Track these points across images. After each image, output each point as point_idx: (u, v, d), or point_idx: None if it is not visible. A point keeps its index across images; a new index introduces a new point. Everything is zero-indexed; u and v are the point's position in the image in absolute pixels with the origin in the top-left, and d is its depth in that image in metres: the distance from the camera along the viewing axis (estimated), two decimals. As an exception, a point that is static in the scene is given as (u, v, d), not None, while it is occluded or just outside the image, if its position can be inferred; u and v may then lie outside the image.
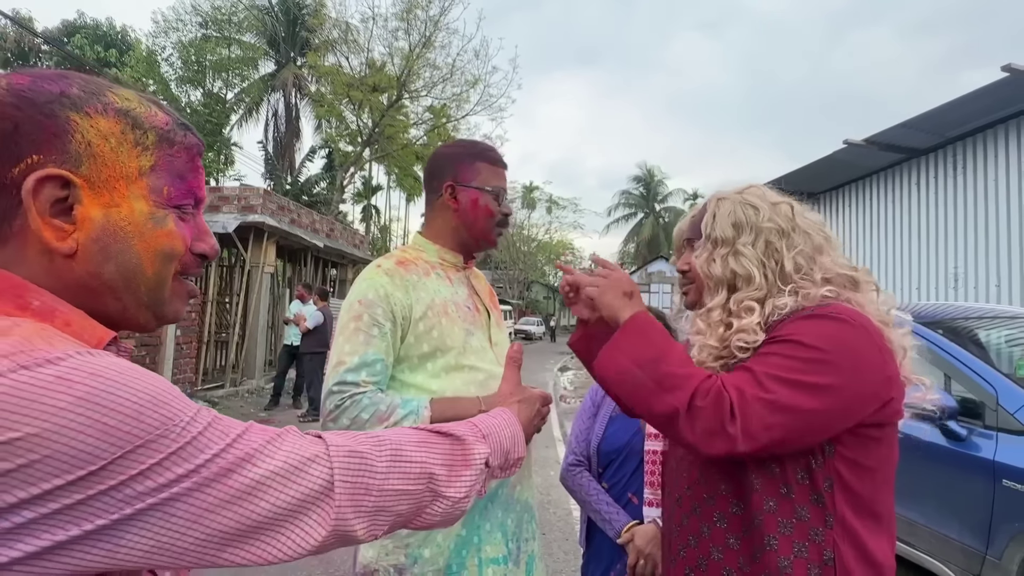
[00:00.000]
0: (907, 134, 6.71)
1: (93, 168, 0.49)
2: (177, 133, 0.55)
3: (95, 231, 0.49)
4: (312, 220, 10.19)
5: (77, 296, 0.50)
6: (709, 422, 0.76)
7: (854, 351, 0.78)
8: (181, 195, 0.55)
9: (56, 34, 18.40)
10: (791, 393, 0.75)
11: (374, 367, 1.10)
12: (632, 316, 0.89)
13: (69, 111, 0.48)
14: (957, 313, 3.28)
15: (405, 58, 15.45)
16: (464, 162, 1.24)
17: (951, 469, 2.49)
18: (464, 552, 1.12)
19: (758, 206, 0.92)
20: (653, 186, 41.24)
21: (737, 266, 0.90)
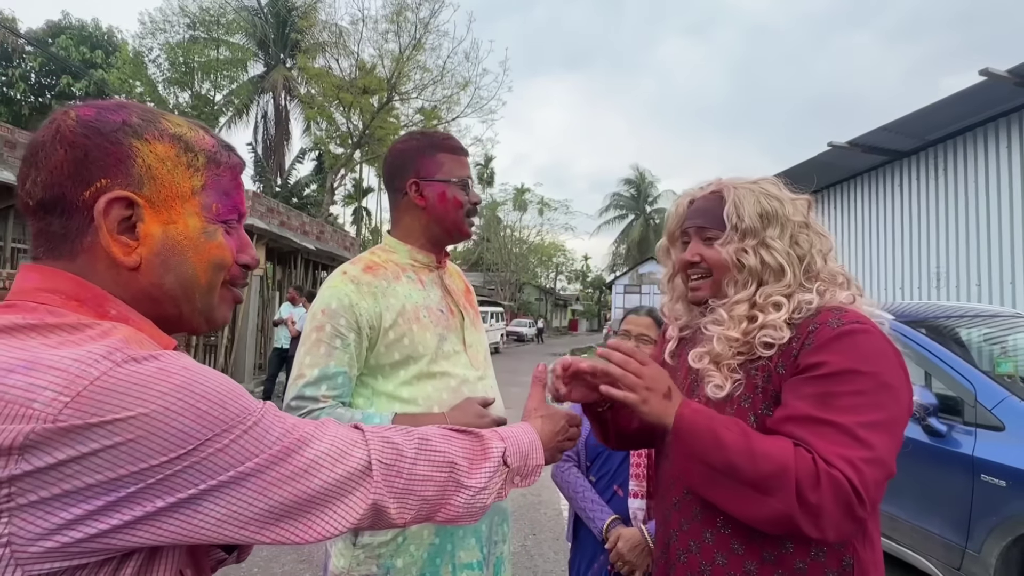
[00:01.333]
0: (889, 137, 6.84)
1: (153, 189, 0.55)
2: (222, 154, 0.61)
3: (156, 246, 0.55)
4: (302, 222, 10.14)
5: (141, 305, 0.56)
6: (836, 515, 0.69)
7: (895, 360, 0.77)
8: (227, 211, 0.60)
9: (40, 35, 18.13)
10: (884, 439, 0.73)
11: (335, 380, 1.07)
12: (679, 417, 0.79)
13: (131, 138, 0.54)
14: (939, 312, 3.34)
15: (395, 60, 15.42)
16: (424, 156, 1.19)
17: (931, 465, 2.54)
18: (438, 560, 1.10)
19: (781, 199, 0.90)
20: (644, 188, 41.49)
21: (770, 258, 0.86)
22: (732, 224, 0.89)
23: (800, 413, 0.76)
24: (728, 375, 0.85)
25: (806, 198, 0.93)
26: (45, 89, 17.88)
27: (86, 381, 0.42)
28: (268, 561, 3.16)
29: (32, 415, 0.41)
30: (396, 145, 1.25)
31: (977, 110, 6.18)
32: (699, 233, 0.93)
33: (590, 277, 48.23)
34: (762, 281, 0.87)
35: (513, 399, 6.12)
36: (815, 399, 0.75)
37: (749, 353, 0.84)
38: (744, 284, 0.88)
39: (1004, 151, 6.26)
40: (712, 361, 0.87)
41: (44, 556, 0.41)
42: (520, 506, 4.18)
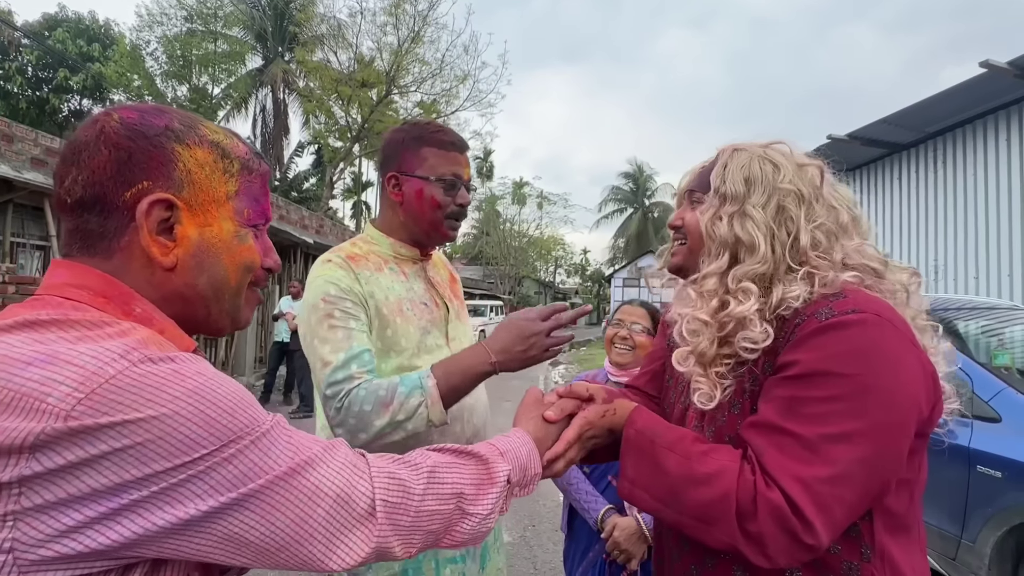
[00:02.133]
0: (888, 130, 6.83)
1: (192, 193, 0.56)
2: (254, 161, 0.63)
3: (192, 247, 0.57)
4: (301, 216, 10.12)
5: (174, 305, 0.57)
6: (778, 542, 0.61)
7: (892, 357, 0.64)
8: (256, 216, 0.63)
9: (37, 28, 18.00)
10: (855, 452, 0.61)
11: (361, 358, 1.01)
12: (624, 437, 0.76)
13: (174, 143, 0.56)
14: (936, 304, 3.36)
15: (394, 53, 15.33)
16: (409, 148, 1.12)
17: (928, 456, 2.55)
18: (420, 556, 1.06)
19: (780, 164, 0.76)
20: (642, 181, 41.39)
21: (742, 231, 0.74)
22: (714, 187, 0.79)
23: (762, 419, 0.67)
24: (716, 381, 0.73)
25: (818, 164, 0.79)
26: (42, 83, 17.75)
27: (102, 379, 0.43)
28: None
29: (46, 409, 0.41)
30: (389, 133, 1.20)
31: (977, 102, 6.16)
32: (688, 196, 0.85)
33: (589, 271, 48.21)
34: (736, 255, 0.75)
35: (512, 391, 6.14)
36: (781, 404, 0.66)
37: (735, 355, 0.73)
38: (716, 256, 0.76)
39: (1004, 144, 6.25)
40: (698, 363, 0.75)
41: (45, 563, 0.41)
42: (519, 498, 4.20)
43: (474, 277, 32.64)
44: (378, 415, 0.96)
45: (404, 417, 0.97)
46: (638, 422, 0.76)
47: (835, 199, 0.77)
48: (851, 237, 0.76)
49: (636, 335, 1.61)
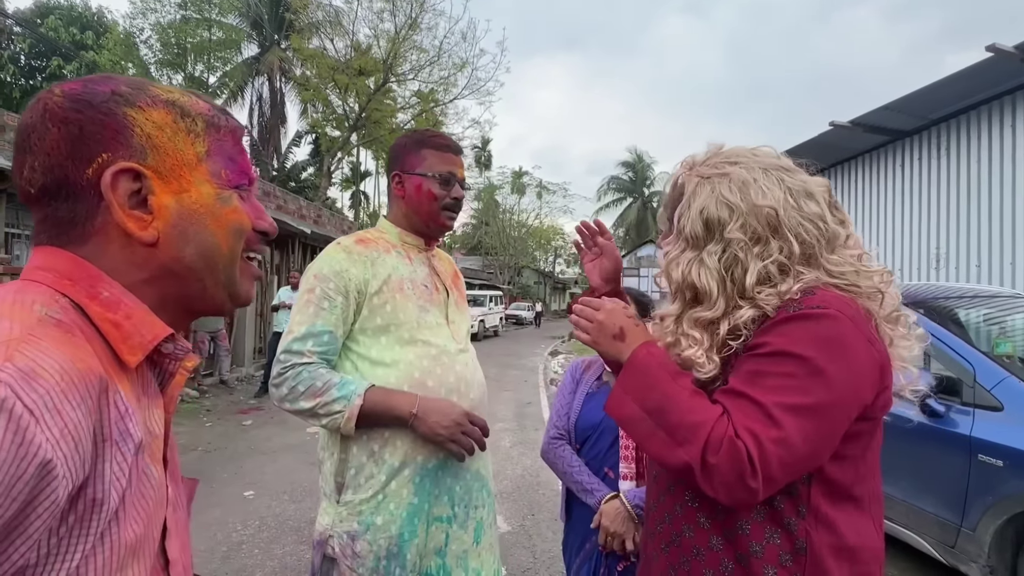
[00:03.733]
0: (891, 116, 6.75)
1: (157, 158, 0.51)
2: (220, 118, 0.57)
3: (172, 217, 0.52)
4: (299, 206, 10.07)
5: (165, 284, 0.52)
6: (726, 477, 0.71)
7: (845, 349, 0.73)
8: (237, 176, 0.57)
9: (29, 15, 17.76)
10: (800, 423, 0.71)
11: (320, 338, 1.15)
12: (631, 356, 0.84)
13: (124, 107, 0.51)
14: (938, 293, 3.33)
15: (391, 40, 15.15)
16: (410, 151, 1.29)
17: (928, 445, 2.55)
18: (416, 520, 1.16)
19: (734, 205, 0.80)
20: (641, 170, 41.20)
21: (698, 279, 0.82)
22: (678, 228, 0.86)
23: (731, 387, 0.77)
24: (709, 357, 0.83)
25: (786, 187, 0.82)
26: (35, 71, 17.54)
27: None
28: (268, 543, 3.19)
29: None
30: (395, 140, 1.37)
31: (982, 87, 6.08)
32: (667, 214, 0.94)
33: (589, 260, 48.08)
34: (690, 299, 0.84)
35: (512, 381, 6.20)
36: (746, 375, 0.76)
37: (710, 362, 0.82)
38: (674, 297, 0.87)
39: (1009, 130, 6.18)
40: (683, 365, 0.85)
41: None
42: (519, 487, 4.22)
43: (473, 267, 32.60)
44: (306, 399, 1.12)
45: (323, 413, 1.12)
46: (651, 347, 0.85)
47: (806, 217, 0.81)
48: (818, 258, 0.81)
49: None
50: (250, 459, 4.73)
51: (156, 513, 0.49)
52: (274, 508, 3.69)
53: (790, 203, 0.81)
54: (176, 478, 0.57)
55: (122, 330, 0.48)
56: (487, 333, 19.27)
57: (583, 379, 1.64)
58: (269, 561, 2.98)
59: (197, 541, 3.19)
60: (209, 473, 4.37)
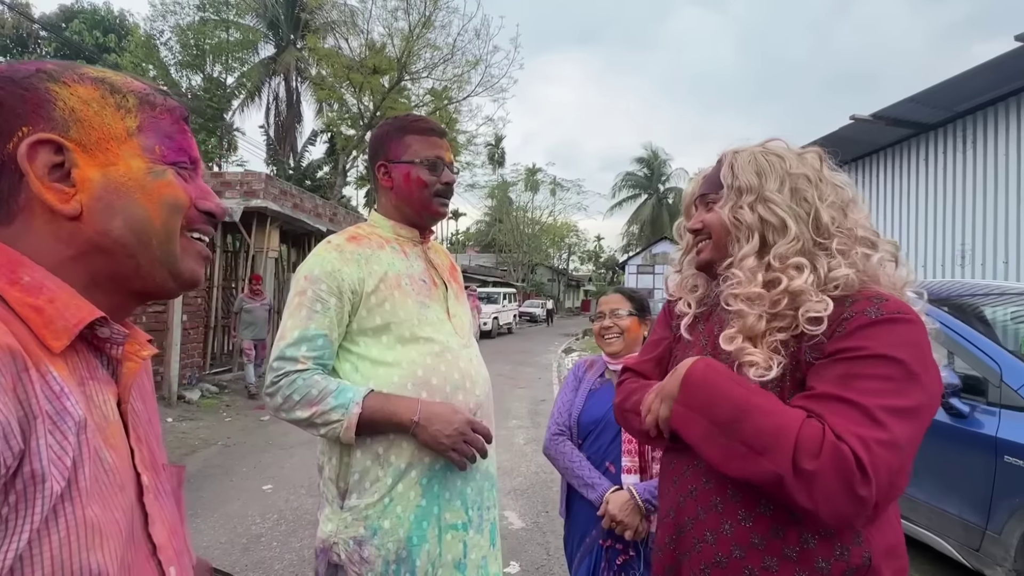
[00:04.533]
0: (915, 109, 6.58)
1: (81, 131, 0.50)
2: (157, 97, 0.56)
3: (97, 190, 0.50)
4: (315, 205, 10.17)
5: (90, 260, 0.51)
6: (831, 485, 0.65)
7: (929, 353, 0.74)
8: (174, 153, 0.56)
9: (54, 19, 18.21)
10: (903, 425, 0.68)
11: (314, 342, 1.11)
12: (687, 373, 0.80)
13: (47, 82, 0.50)
14: (963, 290, 3.25)
15: (405, 39, 15.20)
16: (393, 138, 1.23)
17: (953, 446, 2.49)
18: (425, 524, 1.12)
19: (782, 155, 0.87)
20: (657, 167, 40.81)
21: (768, 214, 0.82)
22: (727, 184, 0.88)
23: (819, 391, 0.73)
24: (771, 354, 0.78)
25: (814, 150, 0.89)
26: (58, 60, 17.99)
27: None
28: (286, 536, 3.24)
29: None
30: (375, 130, 1.31)
31: (1010, 78, 5.88)
32: (702, 201, 0.94)
33: (603, 257, 47.91)
34: (765, 238, 0.83)
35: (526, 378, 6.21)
36: (837, 379, 0.72)
37: (790, 327, 0.77)
38: (745, 240, 0.84)
39: (1038, 122, 5.98)
40: (747, 339, 0.80)
41: None
42: (532, 484, 4.23)
43: (487, 264, 32.64)
44: (301, 409, 1.08)
45: (320, 423, 1.08)
46: (707, 360, 0.83)
47: (835, 179, 0.87)
48: (853, 212, 0.85)
49: (620, 320, 1.62)
50: (268, 453, 4.81)
51: (116, 497, 0.49)
52: (292, 502, 3.74)
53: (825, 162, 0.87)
54: (153, 466, 0.57)
55: (44, 315, 0.47)
56: (501, 330, 19.28)
57: (585, 377, 1.67)
58: (287, 554, 3.03)
59: (219, 533, 3.25)
60: (229, 467, 4.45)
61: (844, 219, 0.83)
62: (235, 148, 20.31)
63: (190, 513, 3.49)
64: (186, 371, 6.95)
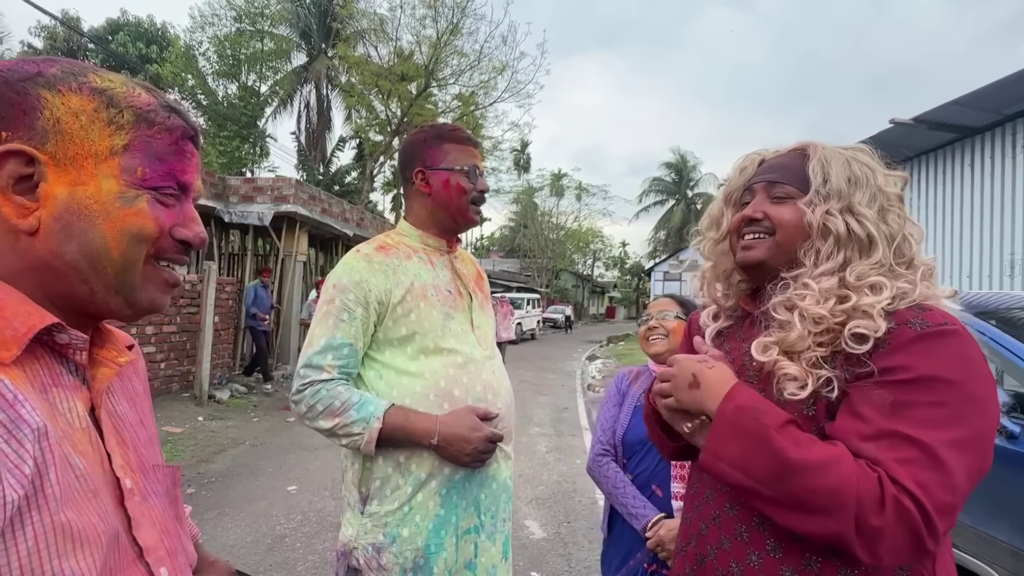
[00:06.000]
0: (960, 112, 6.30)
1: (60, 145, 0.49)
2: (159, 114, 0.54)
3: (58, 209, 0.49)
4: (343, 209, 10.35)
5: (42, 277, 0.49)
6: (898, 541, 0.61)
7: (983, 367, 0.68)
8: (159, 177, 0.53)
9: (101, 32, 19.13)
10: (965, 459, 0.63)
11: (340, 351, 1.13)
12: (718, 414, 0.72)
13: (41, 88, 0.49)
14: (1013, 302, 3.07)
15: (432, 46, 15.40)
16: (431, 146, 1.25)
17: (1002, 468, 2.35)
18: (443, 532, 1.13)
19: (872, 167, 0.79)
20: (686, 172, 40.24)
21: (859, 228, 0.74)
22: (816, 183, 0.77)
23: (869, 422, 0.66)
24: (808, 370, 0.71)
25: (901, 174, 0.81)
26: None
27: None
28: (310, 537, 3.28)
29: None
30: (409, 136, 1.32)
31: (1064, 80, 5.59)
32: (767, 189, 0.81)
33: (628, 264, 47.40)
34: (847, 255, 0.75)
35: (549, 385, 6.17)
36: (888, 408, 0.66)
37: (832, 343, 0.71)
38: (828, 255, 0.75)
39: (1094, 125, 5.66)
40: (783, 352, 0.73)
41: None
42: (555, 493, 4.17)
43: (511, 270, 32.67)
44: (324, 419, 1.11)
45: (342, 434, 1.11)
46: (738, 397, 0.72)
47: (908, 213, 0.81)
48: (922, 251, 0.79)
49: (666, 322, 1.57)
50: (293, 454, 4.88)
51: (90, 503, 0.48)
52: (315, 503, 3.78)
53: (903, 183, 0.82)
54: (141, 468, 0.56)
55: None
56: (524, 336, 19.25)
57: (630, 391, 1.58)
58: (311, 555, 3.05)
59: (245, 532, 3.31)
60: (255, 466, 4.54)
61: (915, 252, 0.77)
62: (267, 154, 20.89)
63: (219, 511, 3.56)
64: (216, 371, 7.13)
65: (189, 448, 4.79)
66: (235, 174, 15.20)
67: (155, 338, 6.34)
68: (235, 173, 16.10)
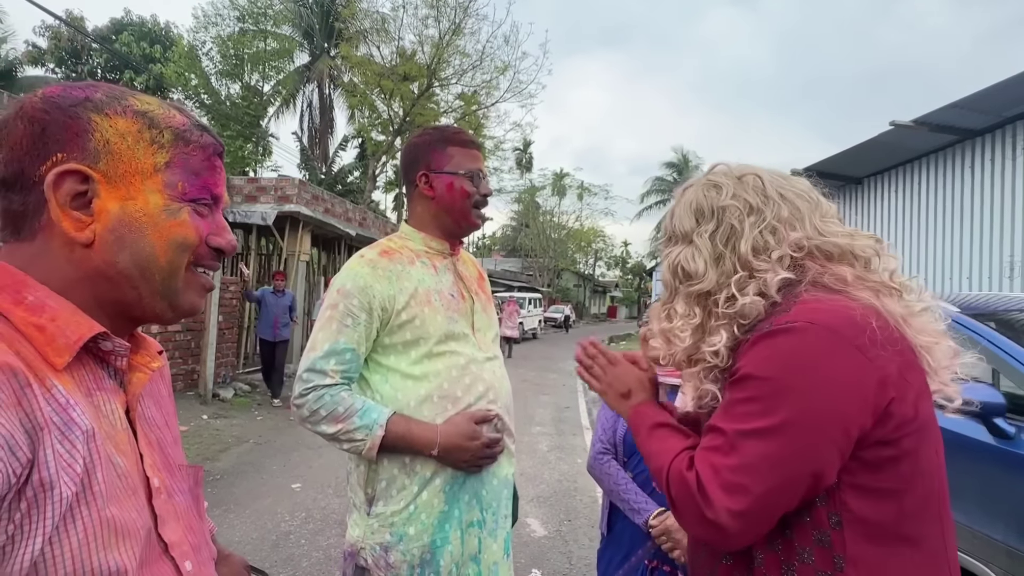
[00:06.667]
0: (960, 114, 6.32)
1: (110, 164, 0.53)
2: (193, 133, 0.59)
3: (111, 222, 0.53)
4: (345, 209, 10.39)
5: (96, 285, 0.54)
6: (684, 512, 0.72)
7: (817, 362, 0.66)
8: (196, 191, 0.58)
9: (105, 32, 19.18)
10: (762, 446, 0.67)
11: (343, 356, 1.14)
12: (628, 421, 0.92)
13: (91, 113, 0.53)
14: (1011, 304, 3.10)
15: (435, 46, 15.43)
16: (436, 149, 1.25)
17: (997, 468, 2.38)
18: (447, 526, 1.15)
19: (721, 184, 0.82)
20: (688, 171, 40.18)
21: (688, 262, 0.81)
22: (667, 235, 0.90)
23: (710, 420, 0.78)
24: (698, 387, 0.81)
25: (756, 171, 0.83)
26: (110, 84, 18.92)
27: None
28: (314, 534, 3.32)
29: None
30: (411, 139, 1.32)
31: (1065, 82, 5.60)
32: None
33: (630, 263, 47.37)
34: (679, 288, 0.84)
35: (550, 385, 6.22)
36: (722, 406, 0.74)
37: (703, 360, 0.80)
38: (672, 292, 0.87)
39: (1095, 127, 5.67)
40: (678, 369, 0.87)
41: None
42: (555, 492, 4.21)
43: (513, 269, 32.67)
44: (327, 424, 1.12)
45: (344, 439, 1.13)
46: (644, 408, 0.91)
47: (786, 194, 0.81)
48: (807, 222, 0.79)
49: None
50: (297, 452, 4.93)
51: (130, 499, 0.52)
52: (319, 501, 3.83)
53: (774, 174, 0.84)
54: (167, 468, 0.60)
55: (46, 333, 0.50)
56: (526, 336, 19.27)
57: None
58: (315, 552, 3.10)
59: (250, 529, 3.35)
60: (260, 464, 4.58)
61: (781, 238, 0.77)
62: (270, 154, 20.94)
63: (224, 508, 3.61)
64: (220, 370, 7.18)
65: (194, 446, 4.84)
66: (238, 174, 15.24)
67: (160, 337, 6.38)
68: (238, 173, 16.12)
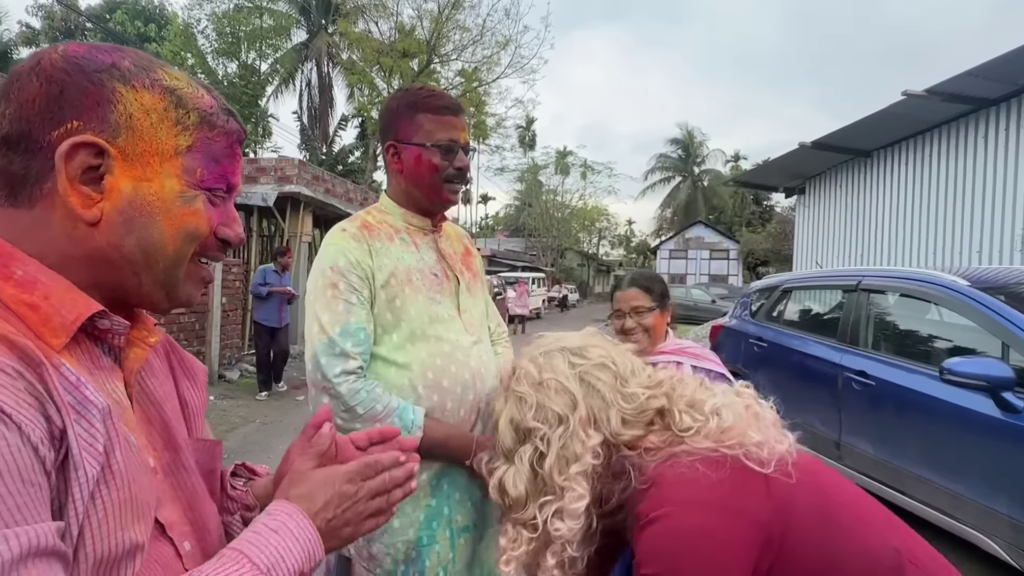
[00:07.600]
0: (975, 83, 6.14)
1: (130, 140, 0.49)
2: (220, 117, 0.55)
3: (122, 203, 0.50)
4: (346, 190, 10.31)
5: (96, 266, 0.50)
6: None
7: (691, 546, 0.73)
8: (214, 179, 0.55)
9: (99, 11, 18.88)
10: None
11: (357, 336, 1.06)
12: None
13: (116, 82, 0.49)
14: (1021, 278, 3.04)
15: (434, 20, 15.09)
16: (403, 116, 1.14)
17: (1004, 441, 2.36)
18: (435, 524, 1.09)
19: (525, 397, 0.86)
20: (692, 148, 39.61)
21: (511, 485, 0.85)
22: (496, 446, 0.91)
23: None
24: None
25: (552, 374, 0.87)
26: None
27: None
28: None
29: None
30: (386, 102, 1.20)
31: (1084, 48, 5.41)
32: None
33: (634, 242, 47.11)
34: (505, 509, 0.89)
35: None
36: None
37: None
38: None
39: (1114, 95, 5.49)
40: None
41: None
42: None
43: (516, 249, 32.57)
44: (363, 422, 1.02)
45: None
46: None
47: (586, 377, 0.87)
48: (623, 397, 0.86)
49: (643, 319, 1.50)
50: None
51: (144, 477, 0.50)
52: (325, 479, 3.87)
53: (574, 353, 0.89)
54: (171, 444, 0.57)
55: (40, 312, 0.46)
56: (529, 315, 19.30)
57: None
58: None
59: (255, 507, 3.40)
60: (265, 444, 4.63)
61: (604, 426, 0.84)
62: (270, 134, 20.72)
63: (230, 487, 3.65)
64: (226, 351, 7.23)
65: (201, 426, 4.89)
66: (238, 155, 15.05)
67: (165, 319, 6.42)
68: (238, 154, 15.95)
